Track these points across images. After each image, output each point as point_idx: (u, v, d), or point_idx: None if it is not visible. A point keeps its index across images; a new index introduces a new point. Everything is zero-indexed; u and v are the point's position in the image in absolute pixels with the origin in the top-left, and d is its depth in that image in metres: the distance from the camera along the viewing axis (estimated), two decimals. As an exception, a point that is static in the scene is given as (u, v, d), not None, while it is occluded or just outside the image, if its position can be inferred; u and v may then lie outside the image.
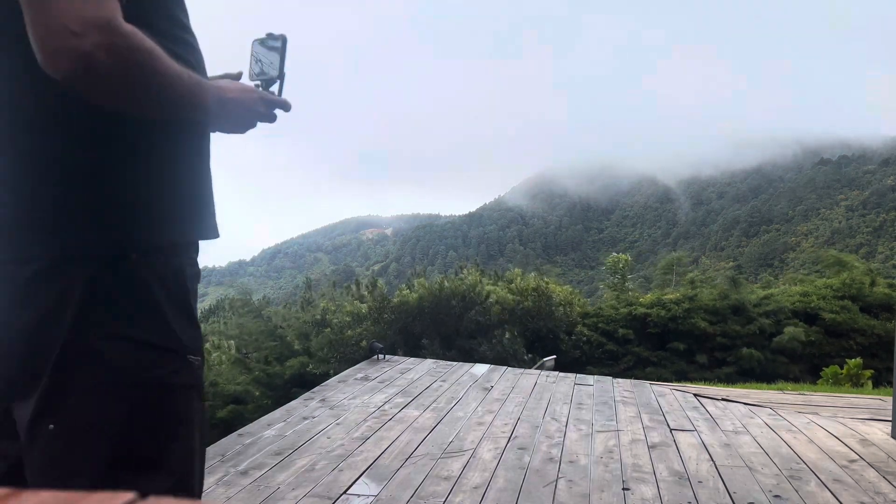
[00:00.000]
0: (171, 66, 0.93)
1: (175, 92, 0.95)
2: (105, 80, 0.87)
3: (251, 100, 1.11)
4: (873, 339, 10.77)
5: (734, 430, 3.88)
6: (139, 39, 0.88)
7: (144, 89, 0.91)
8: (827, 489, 2.86)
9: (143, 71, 0.89)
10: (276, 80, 1.18)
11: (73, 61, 0.83)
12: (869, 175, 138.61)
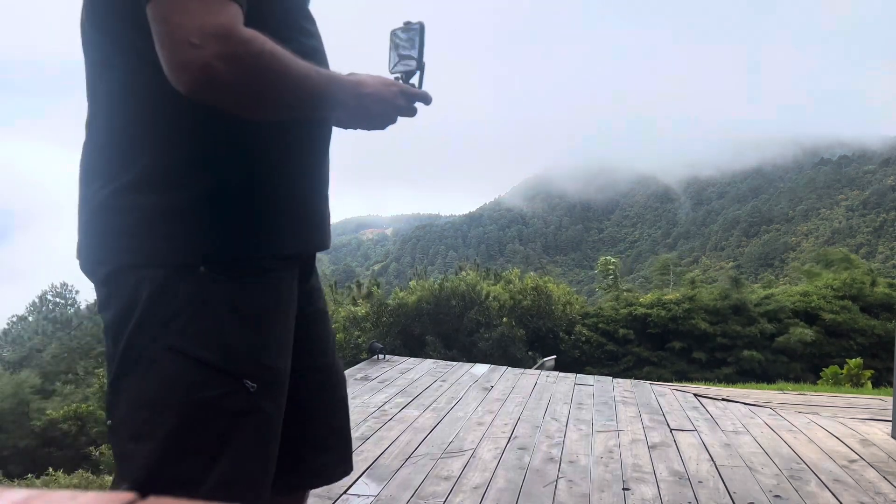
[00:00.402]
0: (298, 66, 0.91)
1: (304, 92, 0.93)
2: (228, 90, 0.85)
3: (391, 93, 1.05)
4: (873, 339, 10.78)
5: (734, 430, 3.87)
6: (260, 44, 0.86)
7: (271, 93, 0.90)
8: (827, 489, 2.86)
9: (266, 75, 0.87)
10: (415, 72, 1.11)
11: (194, 73, 0.83)
12: (869, 175, 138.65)
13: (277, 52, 0.88)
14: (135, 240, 0.96)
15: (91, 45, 0.99)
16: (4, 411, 10.31)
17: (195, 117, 0.95)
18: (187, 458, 0.95)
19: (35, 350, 19.49)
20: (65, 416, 9.78)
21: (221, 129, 0.97)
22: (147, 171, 0.96)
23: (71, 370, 15.42)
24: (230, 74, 0.83)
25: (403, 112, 1.08)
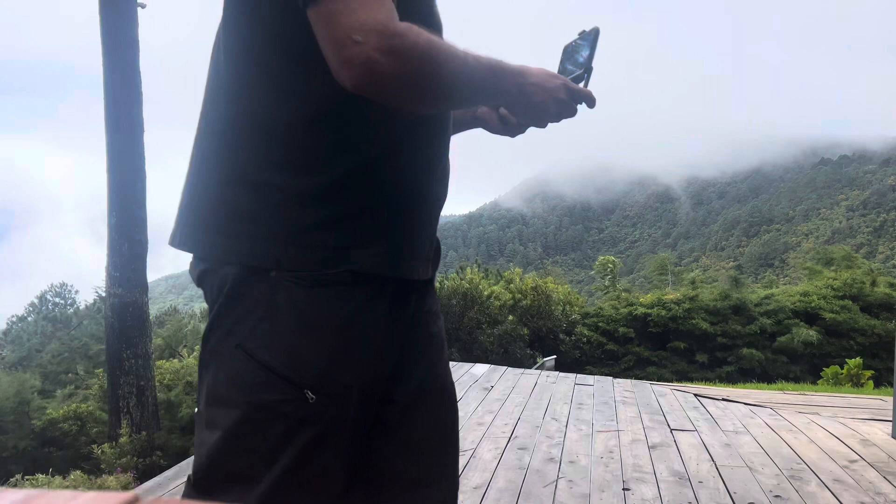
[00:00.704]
0: (457, 54, 0.92)
1: (464, 79, 0.93)
2: (391, 82, 0.87)
3: (555, 86, 1.02)
4: (874, 339, 10.78)
5: (734, 430, 3.87)
6: (415, 34, 0.87)
7: (430, 82, 0.90)
8: (827, 489, 2.86)
9: (424, 65, 0.88)
10: (583, 76, 1.08)
11: (357, 69, 0.85)
12: (869, 175, 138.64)
13: (434, 41, 0.89)
14: (221, 236, 0.98)
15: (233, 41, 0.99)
16: (5, 411, 10.31)
17: (309, 120, 0.96)
18: (245, 455, 0.96)
19: (35, 350, 19.49)
20: (65, 415, 9.78)
21: (331, 136, 0.97)
22: (242, 170, 0.98)
23: (71, 370, 15.42)
24: (390, 66, 0.85)
25: (564, 109, 1.03)
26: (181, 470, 3.07)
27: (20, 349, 21.05)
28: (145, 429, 7.73)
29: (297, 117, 0.96)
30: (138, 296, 8.04)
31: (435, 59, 0.89)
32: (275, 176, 0.96)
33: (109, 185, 8.10)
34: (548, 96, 1.01)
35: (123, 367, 7.86)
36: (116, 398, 7.88)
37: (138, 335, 7.97)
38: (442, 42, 0.91)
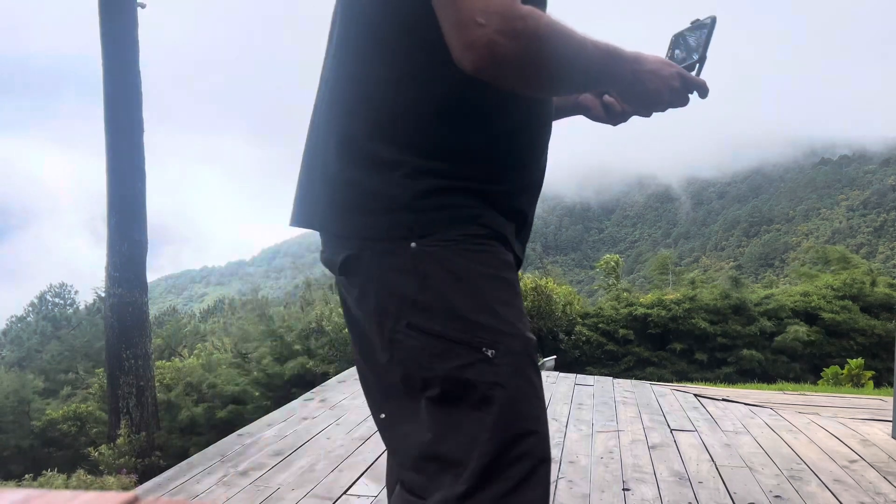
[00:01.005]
0: (576, 38, 0.92)
1: (583, 63, 0.94)
2: (511, 64, 0.87)
3: (669, 74, 1.02)
4: (874, 340, 10.75)
5: (734, 430, 3.87)
6: (537, 17, 0.87)
7: (550, 65, 0.90)
8: (827, 489, 2.85)
9: (545, 48, 0.88)
10: (695, 65, 1.07)
11: (479, 51, 0.85)
12: (869, 175, 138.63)
13: (555, 24, 0.89)
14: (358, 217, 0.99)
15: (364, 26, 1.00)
16: (5, 411, 10.30)
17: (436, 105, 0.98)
18: (451, 436, 0.94)
19: (35, 350, 19.49)
20: (64, 416, 9.78)
21: (457, 119, 0.99)
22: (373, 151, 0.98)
23: (71, 370, 15.42)
24: (512, 49, 0.85)
25: (676, 97, 1.04)
26: (181, 470, 3.07)
27: (20, 349, 21.05)
28: (145, 429, 7.73)
29: (424, 102, 0.98)
30: (138, 296, 8.04)
31: (556, 43, 0.89)
32: (403, 155, 0.97)
33: (109, 185, 8.10)
34: (662, 84, 1.01)
35: (123, 368, 7.86)
36: (116, 398, 7.88)
37: (138, 335, 7.97)
38: (562, 25, 0.91)
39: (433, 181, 0.97)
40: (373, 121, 0.99)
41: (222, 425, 8.27)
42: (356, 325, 1.08)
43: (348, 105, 1.01)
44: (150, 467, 7.07)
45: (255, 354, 10.37)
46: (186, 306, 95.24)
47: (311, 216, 1.05)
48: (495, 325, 0.96)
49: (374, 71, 0.99)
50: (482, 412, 0.93)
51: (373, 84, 0.99)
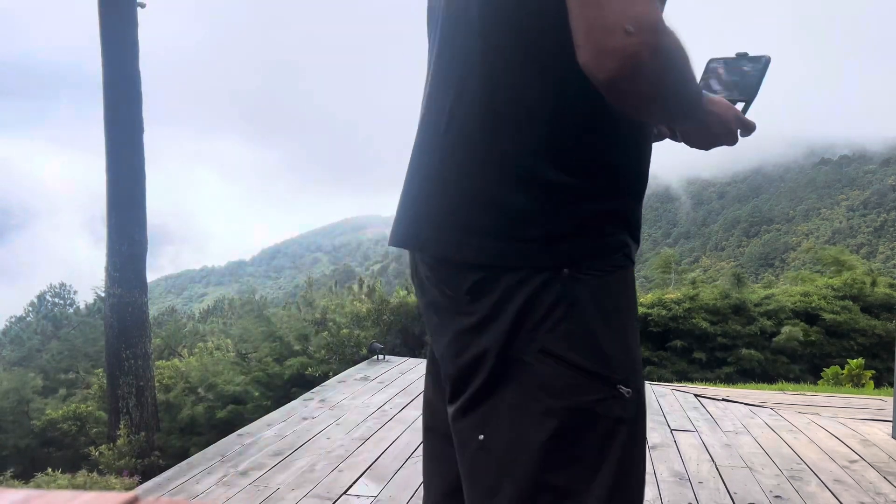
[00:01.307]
0: (691, 70, 0.88)
1: (688, 97, 0.91)
2: (646, 81, 0.82)
3: (730, 118, 1.02)
4: (874, 340, 10.75)
5: (735, 430, 3.87)
6: (678, 38, 0.83)
7: (673, 91, 0.87)
8: (828, 489, 2.85)
9: (676, 73, 0.85)
10: (745, 107, 1.08)
11: (622, 61, 0.80)
12: (870, 175, 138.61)
13: (685, 51, 0.86)
14: (507, 241, 0.92)
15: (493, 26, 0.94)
16: (5, 411, 10.30)
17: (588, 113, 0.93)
18: (568, 467, 0.91)
19: (35, 350, 19.48)
20: (64, 416, 9.77)
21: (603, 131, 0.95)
22: (519, 167, 0.92)
23: (71, 370, 15.41)
24: (651, 65, 0.80)
25: (729, 139, 1.04)
26: (180, 470, 3.07)
27: (20, 349, 21.05)
28: (145, 429, 7.73)
29: (587, 116, 0.93)
30: (138, 296, 8.04)
31: (683, 69, 0.86)
32: (555, 172, 0.92)
33: (109, 185, 8.10)
34: (724, 128, 1.01)
35: (123, 368, 7.86)
36: (116, 398, 7.88)
37: (138, 335, 7.97)
38: (686, 52, 0.86)
39: (593, 205, 0.94)
40: (534, 137, 0.92)
41: (222, 425, 8.26)
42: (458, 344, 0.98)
43: (498, 120, 0.93)
44: (150, 467, 7.07)
45: (255, 354, 10.37)
46: (186, 306, 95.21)
47: (451, 242, 0.96)
48: (629, 362, 0.95)
49: (530, 82, 0.92)
50: (604, 446, 0.92)
51: (531, 97, 0.92)
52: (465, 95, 0.95)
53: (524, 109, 0.92)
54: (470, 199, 0.94)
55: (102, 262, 8.14)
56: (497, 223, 0.93)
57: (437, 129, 0.99)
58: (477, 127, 0.94)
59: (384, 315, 9.65)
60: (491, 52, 0.94)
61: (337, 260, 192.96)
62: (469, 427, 0.96)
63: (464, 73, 0.96)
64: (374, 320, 9.65)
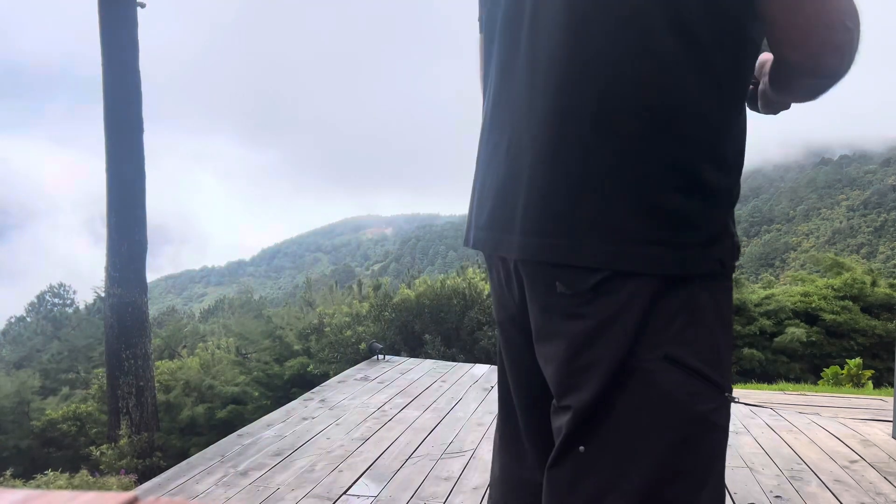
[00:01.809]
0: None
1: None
2: (839, 75, 0.88)
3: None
4: (874, 340, 10.74)
5: (735, 430, 3.86)
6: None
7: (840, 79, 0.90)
8: (828, 489, 2.85)
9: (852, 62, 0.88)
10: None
11: (844, 57, 0.84)
12: (870, 175, 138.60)
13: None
14: (643, 245, 0.88)
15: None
16: (5, 411, 10.30)
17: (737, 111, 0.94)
18: (681, 479, 0.88)
19: (35, 350, 19.49)
20: (64, 416, 9.78)
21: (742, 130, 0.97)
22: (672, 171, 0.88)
23: (71, 370, 15.42)
24: (850, 61, 0.85)
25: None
26: (181, 470, 3.07)
27: (20, 349, 21.05)
28: (145, 429, 7.73)
29: (728, 108, 0.91)
30: (138, 296, 8.04)
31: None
32: (716, 174, 0.90)
33: (109, 185, 8.10)
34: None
35: (123, 368, 7.86)
36: (116, 398, 7.88)
37: (138, 335, 7.97)
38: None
39: (730, 209, 0.93)
40: (695, 139, 0.88)
41: (222, 425, 8.27)
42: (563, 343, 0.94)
43: (658, 123, 0.88)
44: (150, 468, 7.07)
45: (254, 354, 10.37)
46: (186, 306, 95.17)
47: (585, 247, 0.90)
48: (729, 368, 0.94)
49: (689, 80, 0.87)
50: (713, 457, 0.90)
51: (691, 97, 0.88)
52: (611, 100, 0.89)
53: (689, 113, 0.88)
54: (621, 203, 0.89)
55: (101, 262, 8.15)
56: (651, 226, 0.88)
57: (565, 135, 0.92)
58: (633, 130, 0.88)
59: (385, 312, 9.65)
60: (647, 55, 0.88)
61: (337, 260, 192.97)
62: (573, 435, 0.92)
63: (610, 74, 0.89)
64: (375, 317, 9.65)
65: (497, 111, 1.04)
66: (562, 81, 0.92)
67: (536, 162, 0.94)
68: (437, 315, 9.41)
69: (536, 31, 0.96)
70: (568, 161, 0.91)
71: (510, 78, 1.01)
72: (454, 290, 9.59)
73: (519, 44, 0.99)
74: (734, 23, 0.86)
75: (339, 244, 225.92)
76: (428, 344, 8.89)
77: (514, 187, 0.97)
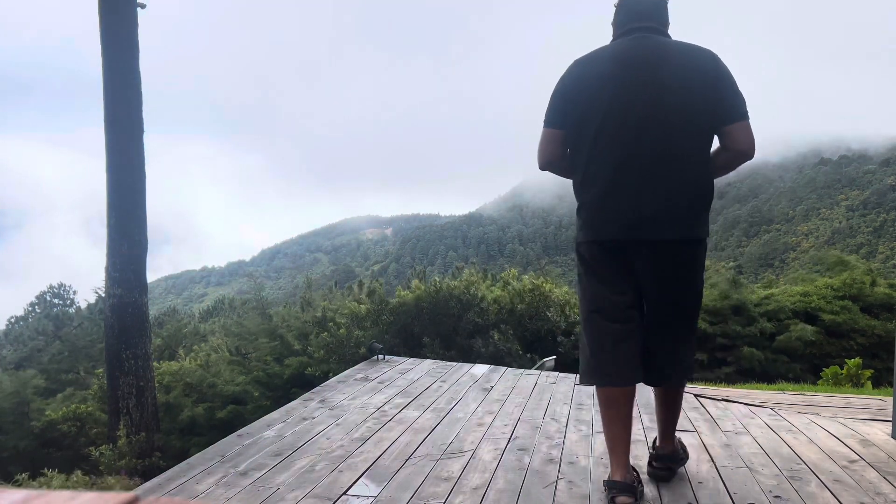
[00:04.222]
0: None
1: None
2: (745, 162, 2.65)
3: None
4: (874, 340, 10.73)
5: (734, 430, 3.87)
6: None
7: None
8: (827, 489, 2.85)
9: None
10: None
11: (753, 151, 2.56)
12: (869, 175, 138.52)
13: None
14: (705, 225, 2.60)
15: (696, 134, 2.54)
16: (5, 411, 10.29)
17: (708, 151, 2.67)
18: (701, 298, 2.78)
19: (35, 350, 19.47)
20: (64, 416, 9.76)
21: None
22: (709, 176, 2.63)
23: (71, 370, 15.40)
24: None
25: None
26: (181, 470, 3.07)
27: (21, 349, 21.04)
28: (145, 430, 7.72)
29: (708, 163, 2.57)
30: (138, 296, 8.03)
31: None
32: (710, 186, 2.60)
33: (109, 185, 8.09)
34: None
35: (123, 368, 7.86)
36: (116, 399, 7.88)
37: (138, 336, 7.96)
38: None
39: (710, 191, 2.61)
40: (707, 171, 2.57)
41: (222, 425, 8.26)
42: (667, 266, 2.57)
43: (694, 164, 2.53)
44: (150, 468, 7.07)
45: (254, 354, 10.36)
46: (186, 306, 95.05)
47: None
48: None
49: (698, 152, 2.53)
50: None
51: (702, 156, 2.55)
52: (671, 160, 2.50)
53: (702, 160, 2.54)
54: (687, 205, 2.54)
55: (99, 262, 8.15)
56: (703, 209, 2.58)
57: (653, 172, 2.49)
58: (687, 169, 2.52)
59: (383, 315, 9.65)
60: (693, 139, 2.52)
61: (337, 260, 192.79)
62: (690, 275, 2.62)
63: (672, 146, 2.50)
64: (374, 320, 9.64)
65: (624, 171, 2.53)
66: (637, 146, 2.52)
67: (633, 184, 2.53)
68: (436, 317, 9.40)
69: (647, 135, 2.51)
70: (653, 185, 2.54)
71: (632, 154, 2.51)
72: (451, 293, 9.59)
73: (635, 141, 2.50)
74: (711, 134, 2.54)
75: (339, 244, 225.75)
76: (427, 346, 8.88)
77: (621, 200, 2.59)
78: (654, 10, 2.57)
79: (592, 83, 2.50)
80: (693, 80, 2.42)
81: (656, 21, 2.55)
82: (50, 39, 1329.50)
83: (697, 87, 2.41)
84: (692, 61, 2.45)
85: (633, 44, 2.50)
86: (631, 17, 2.56)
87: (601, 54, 2.56)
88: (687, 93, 2.41)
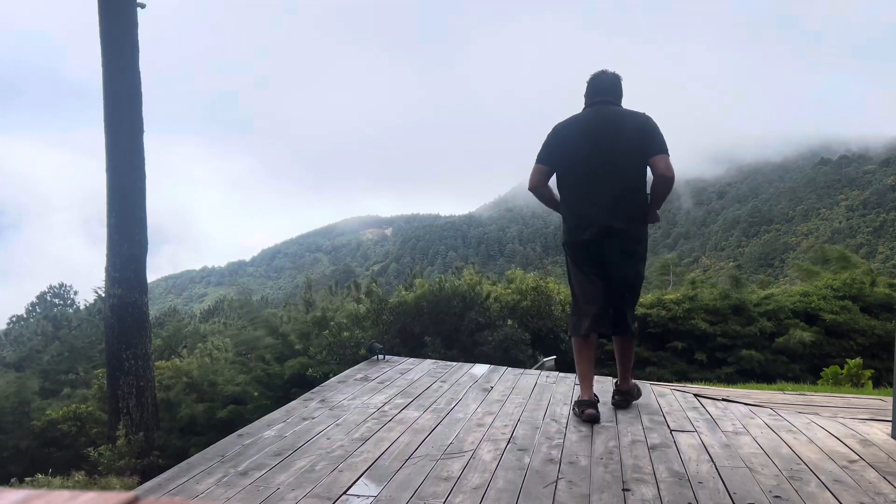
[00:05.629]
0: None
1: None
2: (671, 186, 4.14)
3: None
4: (874, 340, 10.73)
5: (734, 430, 3.87)
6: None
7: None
8: (827, 489, 2.85)
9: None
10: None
11: (673, 178, 4.01)
12: (869, 175, 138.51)
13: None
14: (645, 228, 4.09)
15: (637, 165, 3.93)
16: (5, 411, 10.30)
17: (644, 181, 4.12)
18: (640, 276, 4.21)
19: (35, 350, 19.48)
20: (64, 416, 9.77)
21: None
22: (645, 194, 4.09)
23: (71, 370, 15.41)
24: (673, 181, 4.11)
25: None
26: (181, 470, 3.07)
27: (22, 349, 21.05)
28: (144, 429, 7.72)
29: (644, 188, 3.98)
30: (138, 296, 8.03)
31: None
32: (646, 196, 3.99)
33: (109, 185, 8.09)
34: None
35: (123, 368, 7.86)
36: (116, 399, 7.88)
37: (138, 335, 7.96)
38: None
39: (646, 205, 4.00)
40: (644, 189, 3.96)
41: (222, 425, 8.26)
42: (618, 253, 3.90)
43: (636, 186, 3.93)
44: (149, 467, 7.07)
45: (255, 354, 10.36)
46: (187, 306, 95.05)
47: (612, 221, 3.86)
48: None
49: (639, 180, 3.94)
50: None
51: (642, 182, 3.95)
52: (626, 180, 3.92)
53: (642, 183, 3.96)
54: (626, 205, 3.91)
55: (98, 262, 8.15)
56: (641, 217, 3.98)
57: (614, 187, 3.87)
58: (631, 188, 3.92)
59: (383, 315, 9.64)
60: (633, 170, 3.92)
61: (337, 260, 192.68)
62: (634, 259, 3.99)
63: (623, 174, 3.92)
64: (374, 320, 9.63)
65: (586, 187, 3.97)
66: (600, 176, 3.94)
67: (597, 197, 3.92)
68: (437, 317, 9.40)
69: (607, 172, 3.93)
70: (612, 197, 3.91)
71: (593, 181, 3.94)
72: (453, 292, 9.58)
73: (600, 178, 3.93)
74: (645, 166, 3.92)
75: (339, 244, 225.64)
76: (428, 346, 8.87)
77: (592, 206, 3.94)
78: (611, 88, 3.99)
79: (570, 140, 3.95)
80: (633, 132, 3.85)
81: (612, 95, 3.98)
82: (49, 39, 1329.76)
83: (635, 137, 3.84)
84: (633, 121, 3.88)
85: (596, 113, 3.95)
86: (597, 92, 3.99)
87: (576, 119, 3.99)
88: (629, 141, 3.85)
